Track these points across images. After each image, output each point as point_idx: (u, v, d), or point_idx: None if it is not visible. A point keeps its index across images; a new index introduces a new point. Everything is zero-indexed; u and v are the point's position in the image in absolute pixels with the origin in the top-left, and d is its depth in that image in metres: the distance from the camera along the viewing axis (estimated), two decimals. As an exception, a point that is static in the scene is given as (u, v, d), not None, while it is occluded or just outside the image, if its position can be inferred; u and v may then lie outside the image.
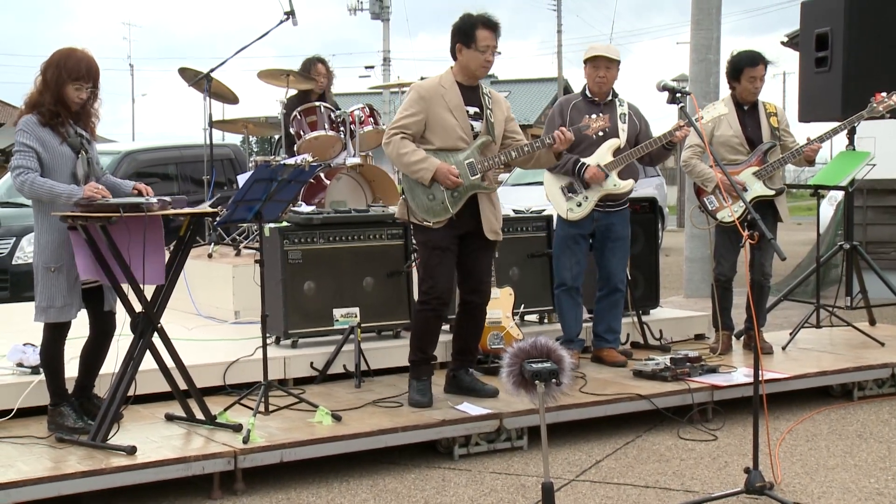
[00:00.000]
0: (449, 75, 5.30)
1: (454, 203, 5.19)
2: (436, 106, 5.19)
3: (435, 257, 5.21)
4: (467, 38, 5.20)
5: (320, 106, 7.81)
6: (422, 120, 5.19)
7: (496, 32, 5.24)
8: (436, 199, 5.18)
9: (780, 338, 6.89)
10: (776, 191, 6.33)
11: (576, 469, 4.78)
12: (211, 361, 5.53)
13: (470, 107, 5.26)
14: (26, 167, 4.40)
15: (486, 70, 5.26)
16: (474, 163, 5.21)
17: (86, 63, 4.52)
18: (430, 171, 5.11)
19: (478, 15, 5.24)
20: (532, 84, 40.26)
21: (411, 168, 5.14)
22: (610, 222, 6.06)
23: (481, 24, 5.20)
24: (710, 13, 10.73)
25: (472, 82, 5.30)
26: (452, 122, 5.19)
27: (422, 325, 5.32)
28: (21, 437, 4.63)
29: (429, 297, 5.23)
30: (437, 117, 5.19)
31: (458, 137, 5.21)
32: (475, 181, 5.20)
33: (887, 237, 10.37)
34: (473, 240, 5.30)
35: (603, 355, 6.14)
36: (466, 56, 5.22)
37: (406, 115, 5.20)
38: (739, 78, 6.30)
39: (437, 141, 5.20)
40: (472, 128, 5.25)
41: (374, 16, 32.72)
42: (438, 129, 5.19)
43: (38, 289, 4.55)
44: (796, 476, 4.65)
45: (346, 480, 4.64)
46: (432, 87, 5.24)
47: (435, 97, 5.20)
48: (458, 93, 5.23)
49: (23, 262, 8.85)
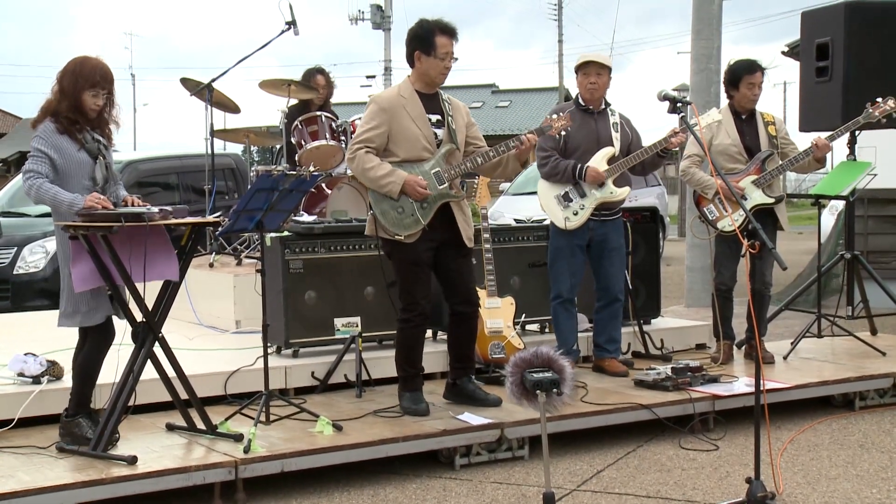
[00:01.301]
0: (407, 84, 5.24)
1: (425, 214, 5.13)
2: (397, 117, 5.13)
3: (412, 273, 5.17)
4: (426, 46, 5.15)
5: (321, 115, 7.82)
6: (384, 132, 5.13)
7: (454, 38, 5.20)
8: (405, 212, 5.12)
9: (782, 347, 6.89)
10: (776, 199, 6.34)
11: (577, 479, 4.78)
12: (212, 371, 5.52)
13: (431, 115, 5.22)
14: (37, 172, 4.44)
15: (444, 77, 5.22)
16: (441, 172, 5.17)
17: (101, 70, 4.57)
18: (397, 185, 5.05)
19: (434, 21, 5.19)
20: (533, 93, 40.34)
21: (378, 183, 5.08)
22: (605, 231, 6.06)
23: (439, 31, 5.15)
24: (711, 23, 10.76)
25: (430, 90, 5.25)
26: (416, 131, 5.14)
27: (407, 341, 5.27)
28: (22, 448, 4.63)
29: (411, 315, 5.19)
30: (399, 128, 5.13)
31: (423, 147, 5.16)
32: (444, 190, 5.16)
33: (888, 246, 10.37)
34: (450, 249, 5.24)
35: (604, 365, 6.13)
36: (425, 64, 5.18)
37: (368, 128, 5.13)
38: (738, 85, 6.32)
39: (402, 152, 5.15)
40: (436, 136, 5.21)
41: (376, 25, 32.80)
42: (402, 140, 5.14)
43: (64, 295, 4.59)
44: (798, 486, 4.64)
45: (347, 490, 4.63)
46: (392, 98, 5.20)
47: (396, 108, 5.15)
48: (419, 101, 5.19)
49: (24, 272, 8.86)
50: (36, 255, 8.88)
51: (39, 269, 8.83)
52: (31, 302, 8.66)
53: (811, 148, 6.29)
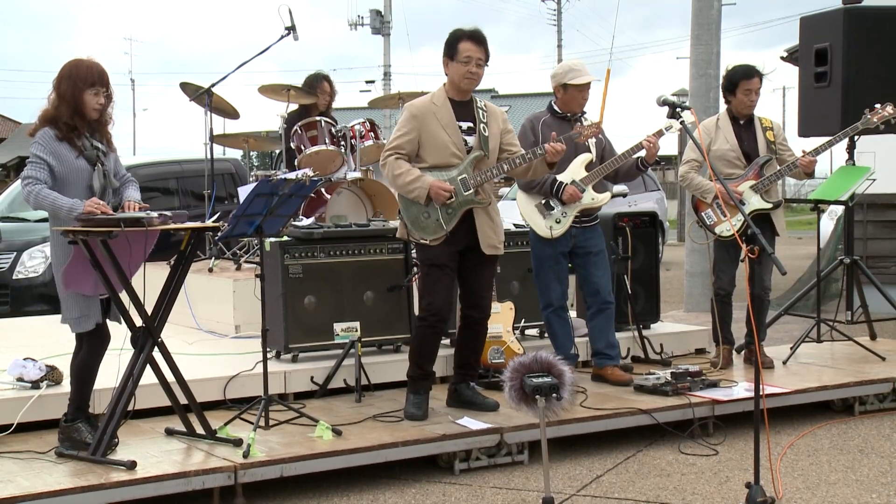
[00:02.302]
0: (441, 92, 5.32)
1: (448, 220, 5.20)
2: (428, 124, 5.22)
3: (433, 275, 5.23)
4: (451, 51, 5.24)
5: (321, 121, 7.83)
6: (415, 139, 5.22)
7: (480, 45, 5.23)
8: (430, 217, 5.20)
9: (781, 352, 6.89)
10: (773, 204, 6.34)
11: (576, 484, 4.77)
12: (211, 376, 5.52)
13: (463, 122, 5.27)
14: (35, 178, 4.44)
15: (470, 82, 5.25)
16: (467, 178, 5.21)
17: (96, 69, 4.58)
18: (424, 190, 5.13)
19: (466, 29, 5.27)
20: (532, 98, 40.33)
21: (406, 188, 5.18)
22: (587, 237, 6.04)
23: (465, 37, 5.23)
24: (710, 28, 10.77)
25: (463, 97, 5.31)
26: (445, 138, 5.21)
27: (420, 341, 5.34)
28: (21, 453, 4.62)
29: (427, 314, 5.25)
30: (429, 135, 5.21)
31: (451, 154, 5.22)
32: (468, 196, 5.21)
33: (887, 251, 10.38)
34: (473, 255, 5.30)
35: (606, 374, 6.05)
36: (452, 69, 5.26)
37: (399, 135, 5.25)
38: (735, 91, 6.32)
39: (430, 158, 5.22)
40: (466, 143, 5.26)
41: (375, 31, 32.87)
42: (431, 146, 5.21)
43: (61, 299, 4.61)
44: (797, 491, 4.64)
45: (346, 495, 4.63)
46: (424, 106, 5.27)
47: (427, 115, 5.23)
48: (450, 109, 5.25)
49: (23, 276, 8.86)
50: (35, 259, 8.88)
51: (39, 273, 8.82)
52: (31, 307, 8.66)
53: (795, 163, 6.30)
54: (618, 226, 6.88)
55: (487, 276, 5.43)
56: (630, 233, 6.89)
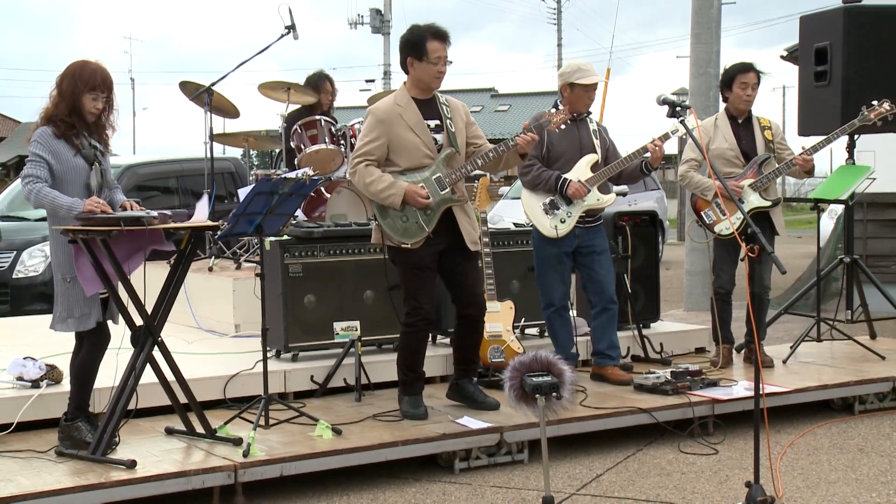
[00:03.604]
0: (403, 92, 5.25)
1: (429, 221, 5.15)
2: (395, 127, 5.14)
3: (415, 278, 5.18)
4: (418, 51, 5.15)
5: (321, 119, 7.83)
6: (383, 143, 5.14)
7: (446, 42, 5.18)
8: (409, 221, 5.13)
9: (781, 351, 6.89)
10: (772, 202, 6.34)
11: (576, 483, 4.77)
12: (211, 375, 5.52)
13: (430, 120, 5.22)
14: (35, 176, 4.44)
15: (439, 81, 5.21)
16: (442, 177, 5.17)
17: (100, 74, 4.57)
18: (398, 196, 5.06)
19: (426, 26, 5.19)
20: (532, 97, 40.31)
21: (380, 196, 5.10)
22: (591, 237, 6.03)
23: (430, 36, 5.14)
24: (710, 27, 10.77)
25: (427, 95, 5.24)
26: (415, 140, 5.14)
27: (409, 345, 5.29)
28: (21, 451, 4.62)
29: (415, 319, 5.21)
30: (398, 138, 5.14)
31: (423, 155, 5.16)
32: (445, 195, 5.17)
33: (887, 251, 10.38)
34: (455, 254, 5.25)
35: (607, 374, 6.05)
36: (419, 69, 5.18)
37: (367, 140, 5.15)
38: (731, 85, 6.34)
39: (403, 162, 5.16)
40: (436, 141, 5.21)
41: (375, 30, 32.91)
42: (401, 149, 5.15)
43: (58, 299, 4.59)
44: (797, 490, 4.64)
45: (346, 494, 4.63)
46: (389, 108, 5.19)
47: (393, 118, 5.15)
48: (416, 109, 5.18)
49: (23, 275, 8.86)
50: (35, 258, 8.89)
51: (39, 272, 8.83)
52: (31, 306, 8.66)
53: (791, 162, 6.30)
54: (618, 225, 6.88)
55: (475, 272, 5.39)
56: (630, 232, 6.89)
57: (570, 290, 6.35)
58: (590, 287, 6.13)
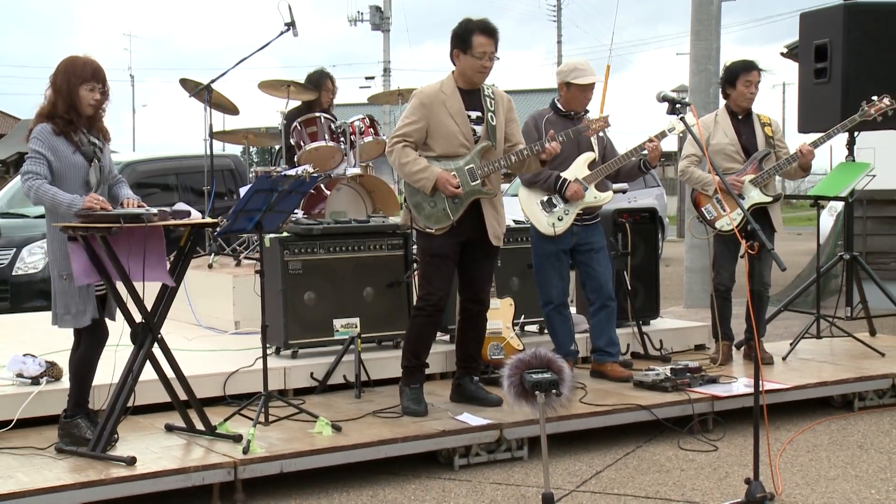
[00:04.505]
0: (450, 80, 5.31)
1: (455, 210, 5.20)
2: (437, 112, 5.20)
3: (433, 264, 5.23)
4: (464, 44, 5.21)
5: (320, 117, 7.82)
6: (423, 127, 5.21)
7: (494, 38, 5.22)
8: (437, 207, 5.20)
9: (781, 348, 6.89)
10: (773, 197, 6.34)
11: (576, 479, 4.78)
12: (211, 372, 5.52)
13: (472, 111, 5.26)
14: (35, 173, 4.44)
15: (483, 76, 5.26)
16: (474, 168, 5.21)
17: (91, 65, 4.58)
18: (430, 181, 5.13)
19: (476, 21, 5.24)
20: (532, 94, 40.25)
21: (413, 177, 5.17)
22: (588, 234, 6.04)
23: (478, 30, 5.19)
24: (710, 24, 10.76)
25: (472, 86, 5.30)
26: (454, 128, 5.20)
27: (417, 330, 5.34)
28: (21, 448, 4.63)
29: (425, 304, 5.25)
30: (438, 124, 5.20)
31: (460, 144, 5.22)
32: (475, 187, 5.21)
33: (887, 247, 10.38)
34: (477, 247, 5.30)
35: (607, 371, 6.05)
36: (463, 62, 5.23)
37: (408, 122, 5.23)
38: (735, 83, 6.34)
39: (439, 147, 5.22)
40: (474, 132, 5.26)
41: (375, 27, 32.84)
42: (439, 136, 5.21)
43: (55, 296, 4.60)
44: (797, 487, 4.64)
45: (346, 491, 4.63)
46: (433, 94, 5.25)
47: (436, 103, 5.21)
48: (460, 98, 5.24)
49: (23, 272, 8.87)
50: (35, 255, 8.89)
51: (38, 269, 8.83)
52: (30, 303, 8.67)
53: (796, 154, 6.30)
54: (617, 222, 6.87)
55: (489, 269, 5.45)
56: (630, 229, 6.88)
57: (570, 288, 6.36)
58: (588, 284, 6.13)
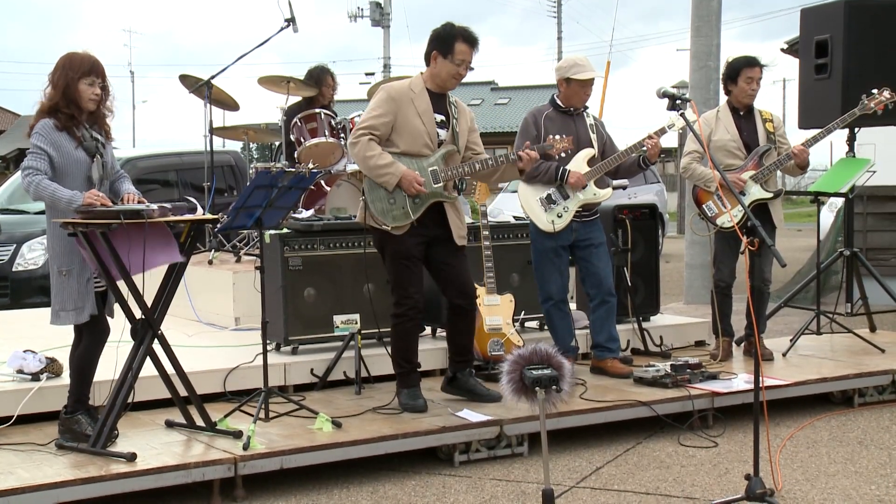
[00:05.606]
0: (419, 80, 5.28)
1: (415, 209, 5.16)
2: (405, 109, 5.17)
3: (402, 267, 5.19)
4: (445, 48, 5.19)
5: (321, 113, 7.82)
6: (389, 122, 5.16)
7: (474, 48, 5.23)
8: (396, 204, 5.15)
9: (781, 344, 6.89)
10: (774, 193, 6.34)
11: (576, 476, 4.78)
12: (211, 368, 5.53)
13: (438, 114, 5.25)
14: (35, 168, 4.44)
15: (455, 82, 5.25)
16: (438, 171, 5.19)
17: (90, 60, 4.58)
18: (395, 177, 5.08)
19: (460, 27, 5.23)
20: (532, 91, 40.26)
21: (376, 172, 5.12)
22: (588, 230, 6.04)
23: (462, 38, 5.18)
24: (710, 20, 10.75)
25: (440, 90, 5.28)
26: (420, 127, 5.17)
27: (402, 335, 5.28)
28: (21, 444, 4.63)
29: (406, 308, 5.20)
30: (405, 121, 5.16)
31: (424, 144, 5.19)
32: (437, 189, 5.19)
33: (887, 244, 10.37)
34: (442, 245, 5.27)
35: (606, 367, 6.05)
36: (441, 65, 5.21)
37: (374, 115, 5.17)
38: (737, 79, 6.33)
39: (403, 144, 5.18)
40: (438, 135, 5.24)
41: (375, 23, 32.85)
42: (405, 132, 5.17)
43: (53, 292, 4.59)
44: (797, 483, 4.64)
45: (346, 487, 4.64)
46: (402, 90, 5.22)
47: (404, 100, 5.18)
48: (428, 99, 5.22)
49: (23, 268, 8.87)
50: (35, 252, 8.89)
51: (38, 265, 8.83)
52: (31, 299, 8.67)
53: (790, 154, 6.30)
54: (618, 218, 6.88)
55: (464, 263, 5.39)
56: (630, 225, 6.89)
57: (570, 284, 6.36)
58: (588, 280, 6.13)
